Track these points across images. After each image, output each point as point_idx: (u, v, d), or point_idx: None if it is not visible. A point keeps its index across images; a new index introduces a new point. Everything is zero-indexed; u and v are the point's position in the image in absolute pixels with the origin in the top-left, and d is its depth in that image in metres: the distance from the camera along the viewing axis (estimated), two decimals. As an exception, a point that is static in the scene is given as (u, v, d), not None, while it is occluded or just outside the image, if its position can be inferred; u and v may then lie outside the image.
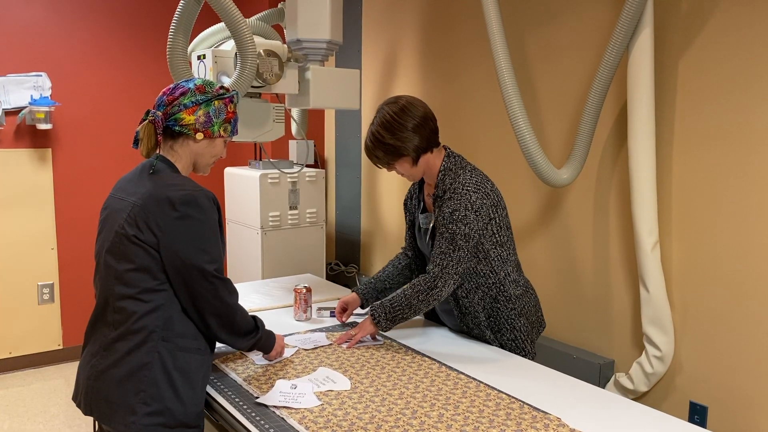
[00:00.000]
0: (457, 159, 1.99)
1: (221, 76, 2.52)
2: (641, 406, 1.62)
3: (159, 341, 1.50)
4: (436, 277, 1.90)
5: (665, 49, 2.33)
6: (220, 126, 1.63)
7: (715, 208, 2.23)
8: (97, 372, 1.52)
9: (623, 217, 2.53)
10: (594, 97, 2.35)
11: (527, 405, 1.59)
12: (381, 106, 1.97)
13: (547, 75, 2.78)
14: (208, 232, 1.53)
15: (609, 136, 2.56)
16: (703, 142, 2.25)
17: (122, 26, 4.18)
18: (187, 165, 1.64)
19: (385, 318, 1.97)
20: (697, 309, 2.32)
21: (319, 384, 1.69)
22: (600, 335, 2.67)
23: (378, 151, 1.94)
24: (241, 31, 2.32)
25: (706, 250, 2.27)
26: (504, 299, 2.00)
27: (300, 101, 2.80)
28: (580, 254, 2.72)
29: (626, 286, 2.55)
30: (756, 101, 2.09)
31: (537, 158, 2.41)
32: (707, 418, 2.30)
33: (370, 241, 4.05)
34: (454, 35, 3.24)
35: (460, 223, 1.88)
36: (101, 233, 1.61)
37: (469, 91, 3.18)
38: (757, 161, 2.10)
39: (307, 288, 2.24)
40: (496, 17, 2.45)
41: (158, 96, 1.62)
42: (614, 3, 2.49)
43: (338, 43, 2.79)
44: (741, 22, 2.11)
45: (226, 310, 1.57)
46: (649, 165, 2.29)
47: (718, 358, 2.26)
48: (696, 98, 2.26)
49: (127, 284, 1.51)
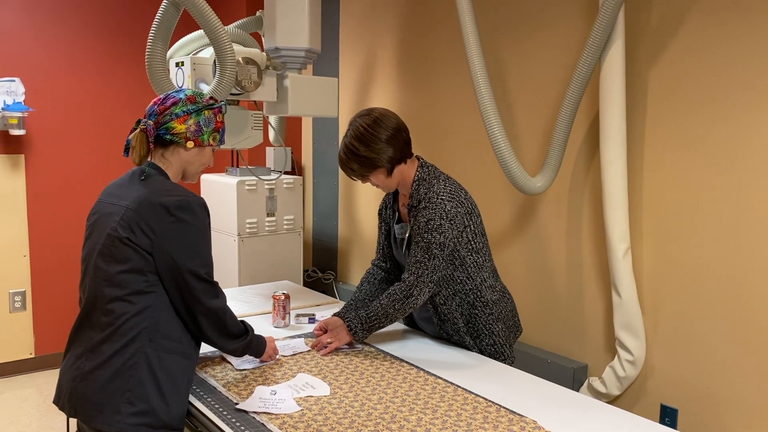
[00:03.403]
0: (430, 169, 2.03)
1: (200, 83, 2.52)
2: (614, 408, 1.66)
3: (146, 342, 1.52)
4: (412, 286, 1.93)
5: (636, 60, 2.40)
6: (210, 135, 1.68)
7: (684, 215, 2.30)
8: (83, 374, 1.53)
9: (596, 224, 2.59)
10: (567, 106, 2.41)
11: (504, 408, 1.62)
12: (354, 118, 1.99)
13: (522, 85, 2.83)
14: (200, 236, 1.57)
15: (582, 144, 2.62)
16: (673, 150, 2.32)
17: (97, 32, 4.15)
18: (177, 172, 1.69)
19: (362, 328, 1.99)
20: (667, 314, 2.38)
21: (298, 390, 1.71)
22: (574, 340, 2.72)
23: (352, 163, 1.97)
24: (220, 38, 2.33)
25: (676, 256, 2.33)
26: (481, 305, 2.03)
27: (278, 109, 2.81)
28: (554, 260, 2.77)
29: (599, 291, 2.61)
30: (722, 111, 2.16)
31: (512, 166, 2.45)
32: (677, 420, 2.36)
33: (347, 248, 4.07)
34: (431, 45, 3.29)
35: (435, 232, 1.91)
36: (90, 237, 1.63)
37: (445, 99, 3.23)
38: (724, 169, 2.17)
39: (285, 295, 2.24)
40: (472, 28, 2.50)
41: (149, 106, 1.66)
42: (587, 16, 2.55)
43: (316, 51, 2.81)
44: (708, 36, 2.18)
45: (217, 311, 1.61)
46: (621, 173, 2.35)
47: (688, 362, 2.33)
48: (665, 108, 2.33)
49: (117, 286, 1.53)
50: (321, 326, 2.07)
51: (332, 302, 2.60)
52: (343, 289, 4.01)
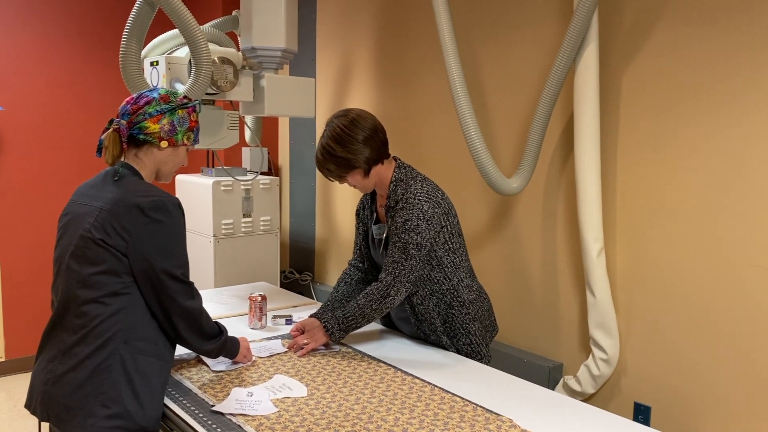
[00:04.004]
0: (407, 169, 2.03)
1: (175, 83, 2.50)
2: (589, 406, 1.68)
3: (120, 344, 1.51)
4: (389, 286, 1.94)
5: (609, 62, 2.43)
6: (184, 135, 1.67)
7: (657, 215, 2.34)
8: (55, 377, 1.51)
9: (570, 224, 2.62)
10: (542, 108, 2.43)
11: (480, 407, 1.63)
12: (330, 119, 1.99)
13: (498, 86, 2.86)
14: (175, 237, 1.56)
15: (556, 146, 2.65)
16: (646, 151, 2.35)
17: (71, 30, 4.08)
18: (150, 172, 1.67)
19: (338, 328, 1.99)
20: (640, 313, 2.41)
21: (275, 391, 1.70)
22: (549, 339, 2.74)
23: (329, 164, 1.97)
24: (195, 38, 2.31)
25: (649, 255, 2.37)
26: (458, 304, 2.04)
27: (254, 109, 2.80)
28: (529, 260, 2.79)
29: (573, 291, 2.64)
30: (695, 111, 2.20)
31: (488, 167, 2.47)
32: (651, 417, 2.40)
33: (324, 248, 4.06)
34: (408, 45, 3.29)
35: (412, 233, 1.92)
36: (62, 238, 1.60)
37: (422, 100, 3.24)
38: (696, 169, 2.21)
39: (262, 296, 2.23)
40: (448, 29, 2.51)
41: (122, 105, 1.64)
42: (561, 18, 2.58)
43: (293, 51, 2.80)
44: (679, 38, 2.22)
45: (193, 312, 1.61)
46: (595, 174, 2.38)
47: (660, 361, 2.36)
48: (639, 109, 2.36)
49: (90, 287, 1.51)
50: (298, 327, 2.06)
51: (309, 303, 2.60)
52: (321, 290, 4.00)
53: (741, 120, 2.08)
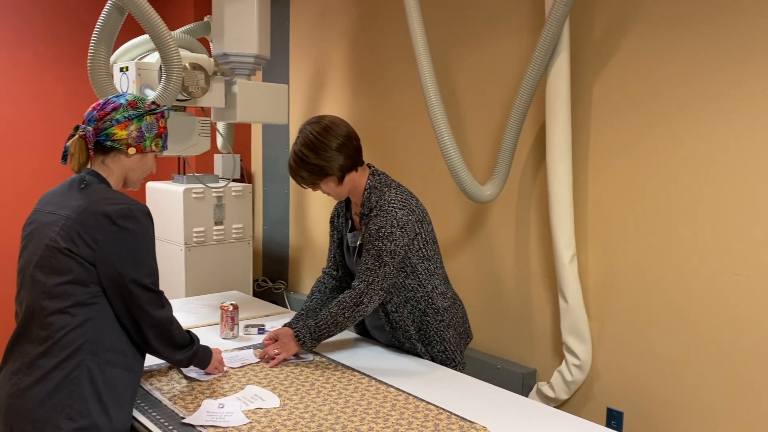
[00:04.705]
0: (381, 177, 2.03)
1: (145, 89, 2.46)
2: (562, 413, 1.69)
3: (88, 355, 1.47)
4: (362, 293, 1.92)
5: (580, 71, 2.46)
6: (152, 141, 1.65)
7: (627, 221, 2.36)
8: (19, 390, 1.46)
9: (543, 231, 2.64)
10: (515, 116, 2.45)
11: (455, 415, 1.63)
12: (303, 125, 1.97)
13: (471, 95, 2.87)
14: (144, 245, 1.54)
15: (529, 153, 2.67)
16: (616, 159, 2.38)
17: (37, 34, 4.00)
18: (118, 180, 1.64)
19: (310, 337, 1.96)
20: (612, 318, 2.44)
21: (247, 402, 1.67)
22: (523, 345, 2.76)
23: (302, 171, 1.95)
24: (165, 43, 2.28)
25: (620, 261, 2.40)
26: (432, 312, 2.04)
27: (226, 115, 2.77)
28: (503, 267, 2.80)
29: (546, 297, 2.65)
30: (666, 120, 2.23)
31: (462, 175, 2.48)
32: (623, 422, 2.42)
33: (298, 256, 4.03)
34: (382, 52, 3.30)
35: (386, 240, 1.91)
36: (26, 248, 1.56)
37: (396, 107, 3.24)
38: (665, 174, 2.25)
39: (233, 305, 2.20)
40: (422, 38, 2.52)
41: (88, 111, 1.61)
42: (533, 28, 2.60)
43: (266, 57, 2.78)
44: (646, 48, 2.25)
45: (163, 321, 1.58)
46: (566, 181, 2.40)
47: (632, 366, 2.39)
48: (609, 117, 2.39)
49: (57, 298, 1.47)
50: (271, 336, 2.04)
51: (283, 312, 2.57)
52: (294, 298, 3.97)
53: (711, 125, 2.12)
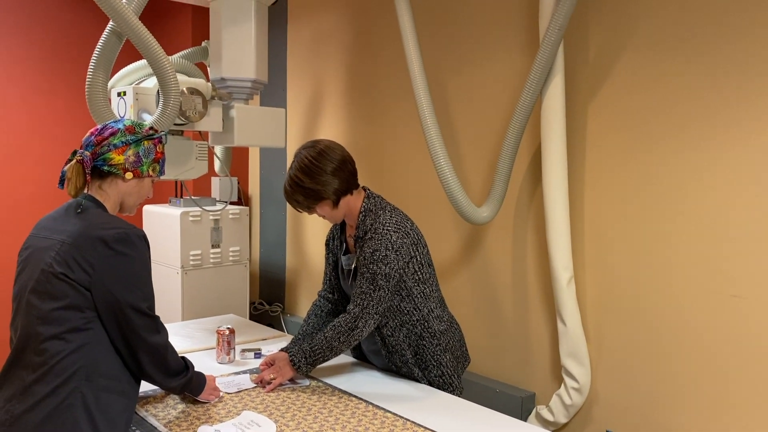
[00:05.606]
0: (376, 200, 2.03)
1: (142, 113, 2.48)
2: (561, 437, 1.67)
3: (82, 382, 1.46)
4: (357, 318, 1.92)
5: (575, 93, 2.48)
6: (149, 166, 1.65)
7: (625, 243, 2.36)
8: (13, 417, 1.45)
9: (540, 253, 2.64)
10: (510, 138, 2.46)
11: (453, 441, 1.61)
12: (299, 150, 1.98)
13: (467, 117, 2.89)
14: (140, 270, 1.54)
15: (525, 175, 2.68)
16: (613, 181, 2.39)
17: (35, 60, 4.03)
18: (114, 204, 1.64)
19: (305, 362, 1.95)
20: (611, 340, 2.42)
21: (243, 428, 1.65)
22: (521, 369, 2.74)
23: (298, 195, 1.95)
24: (163, 68, 2.30)
25: (618, 283, 2.39)
26: (429, 335, 2.03)
27: (224, 139, 2.78)
28: (500, 290, 2.80)
29: (544, 320, 2.64)
30: (660, 142, 2.25)
31: (458, 196, 2.48)
32: (623, 446, 2.40)
33: (295, 279, 4.02)
34: (379, 76, 3.32)
35: (380, 263, 1.91)
36: (22, 273, 1.56)
37: (393, 130, 3.26)
38: (661, 197, 2.25)
39: (230, 329, 2.19)
40: (418, 62, 2.54)
41: (85, 136, 1.62)
42: (528, 51, 2.63)
43: (263, 82, 2.80)
44: (640, 69, 2.27)
45: (158, 347, 1.57)
46: (563, 203, 2.40)
47: (631, 388, 2.37)
48: (605, 140, 2.40)
49: (51, 324, 1.46)
50: (267, 361, 2.02)
51: (279, 336, 2.56)
52: (291, 321, 3.95)
53: (706, 146, 2.13)
